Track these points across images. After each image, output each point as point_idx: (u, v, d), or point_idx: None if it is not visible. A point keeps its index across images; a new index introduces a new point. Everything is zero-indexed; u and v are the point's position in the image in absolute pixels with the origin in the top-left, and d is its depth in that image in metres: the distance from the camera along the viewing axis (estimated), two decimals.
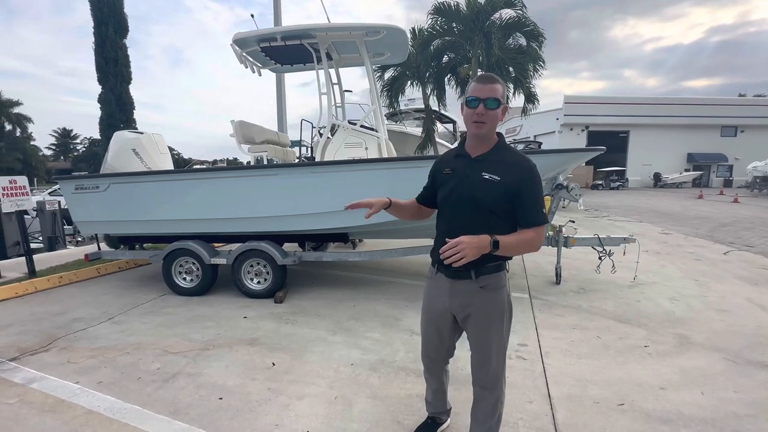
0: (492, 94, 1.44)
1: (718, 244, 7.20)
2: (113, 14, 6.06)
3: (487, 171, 1.49)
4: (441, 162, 1.69)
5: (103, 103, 6.13)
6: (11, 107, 36.83)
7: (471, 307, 1.59)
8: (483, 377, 1.67)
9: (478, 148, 1.56)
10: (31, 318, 3.80)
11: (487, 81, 1.47)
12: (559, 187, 4.23)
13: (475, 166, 1.53)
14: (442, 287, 1.64)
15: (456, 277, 1.58)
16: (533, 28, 11.14)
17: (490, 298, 1.57)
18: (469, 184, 1.52)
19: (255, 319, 3.71)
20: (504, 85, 1.52)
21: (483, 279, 1.55)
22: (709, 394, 2.39)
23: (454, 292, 1.61)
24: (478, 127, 1.48)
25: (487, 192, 1.48)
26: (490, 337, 1.60)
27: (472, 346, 1.66)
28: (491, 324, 1.59)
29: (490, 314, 1.58)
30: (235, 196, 4.21)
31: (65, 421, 2.19)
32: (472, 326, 1.62)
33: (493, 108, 1.45)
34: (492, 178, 1.48)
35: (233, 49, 4.83)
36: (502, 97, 1.47)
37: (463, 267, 1.48)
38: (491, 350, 1.61)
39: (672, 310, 3.81)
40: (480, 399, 1.73)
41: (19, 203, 4.96)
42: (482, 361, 1.64)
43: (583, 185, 25.82)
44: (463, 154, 1.59)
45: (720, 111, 29.84)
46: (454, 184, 1.56)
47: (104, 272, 5.49)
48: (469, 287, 1.56)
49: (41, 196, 11.31)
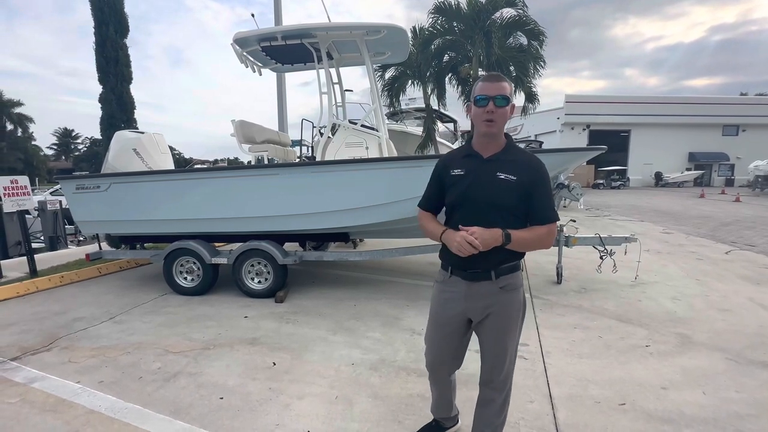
0: (500, 91, 1.44)
1: (720, 244, 7.18)
2: (114, 14, 6.07)
3: (502, 171, 1.48)
4: (447, 162, 1.63)
5: (103, 103, 6.16)
6: (12, 107, 36.91)
7: (490, 309, 1.56)
8: (496, 379, 1.64)
9: (489, 148, 1.53)
10: (33, 317, 3.81)
11: (495, 79, 1.47)
12: (560, 186, 4.23)
13: (489, 166, 1.51)
14: (457, 291, 1.59)
15: (474, 279, 1.54)
16: (534, 27, 11.12)
17: (510, 299, 1.56)
18: (484, 184, 1.49)
19: (256, 318, 3.72)
20: (511, 84, 1.52)
21: (502, 279, 1.53)
22: (711, 394, 2.38)
23: (472, 295, 1.56)
24: (489, 126, 1.47)
25: (504, 192, 1.47)
26: (507, 338, 1.59)
27: (488, 349, 1.63)
28: (509, 325, 1.58)
29: (509, 315, 1.57)
30: (236, 196, 4.21)
31: (66, 421, 2.19)
32: (489, 328, 1.59)
33: (502, 105, 1.45)
34: (508, 177, 1.47)
35: (234, 48, 4.82)
36: (511, 95, 1.47)
37: (481, 268, 1.49)
38: (507, 352, 1.60)
39: (673, 310, 3.80)
40: (489, 400, 1.70)
41: (20, 203, 4.97)
42: (497, 363, 1.62)
43: (584, 184, 25.75)
44: (474, 154, 1.56)
45: (722, 110, 29.76)
46: (467, 185, 1.52)
47: (105, 272, 5.50)
48: (490, 289, 1.54)
49: (43, 195, 11.32)
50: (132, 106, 6.41)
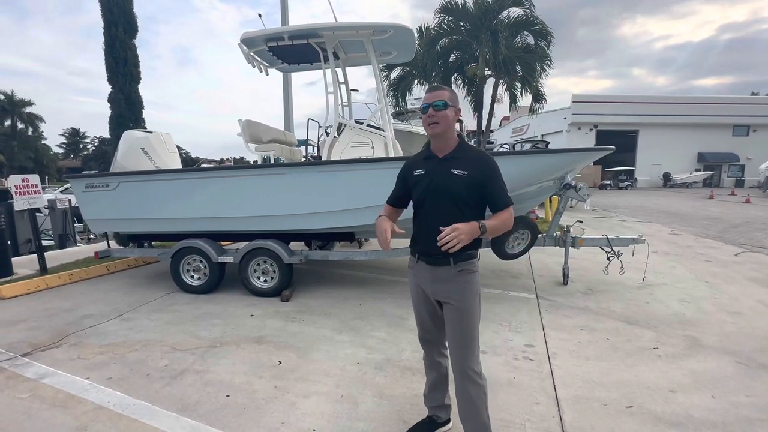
0: (437, 98, 1.67)
1: (730, 246, 7.09)
2: (123, 15, 6.13)
3: (455, 168, 1.69)
4: (410, 165, 1.87)
5: (112, 103, 6.21)
6: (24, 107, 37.49)
7: (451, 288, 1.74)
8: (463, 360, 1.73)
9: (443, 149, 1.75)
10: (43, 314, 3.86)
11: (434, 90, 1.72)
12: (567, 186, 4.19)
13: (444, 164, 1.72)
14: (424, 274, 1.80)
15: (436, 264, 1.74)
16: (541, 27, 11.06)
17: (467, 280, 1.74)
18: (441, 180, 1.71)
19: (261, 317, 3.74)
20: (452, 91, 1.74)
21: (460, 264, 1.72)
22: (720, 398, 2.35)
23: (435, 278, 1.76)
24: (433, 128, 1.70)
25: (458, 185, 1.67)
26: (469, 315, 1.73)
27: (450, 329, 1.76)
28: (469, 303, 1.74)
29: (467, 295, 1.73)
30: (242, 195, 4.24)
31: (75, 416, 2.22)
32: (453, 307, 1.74)
33: (439, 108, 1.67)
34: (460, 173, 1.68)
35: (241, 48, 4.85)
36: (450, 100, 1.68)
37: (442, 254, 1.67)
38: (472, 329, 1.74)
39: (682, 312, 3.76)
40: (463, 389, 1.75)
41: (31, 201, 5.04)
42: (462, 341, 1.73)
43: (591, 185, 25.54)
44: (432, 155, 1.78)
45: (732, 110, 29.32)
46: (428, 182, 1.74)
47: (113, 270, 5.56)
48: (449, 272, 1.73)
49: (53, 194, 11.48)
50: (140, 105, 6.45)
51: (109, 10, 6.06)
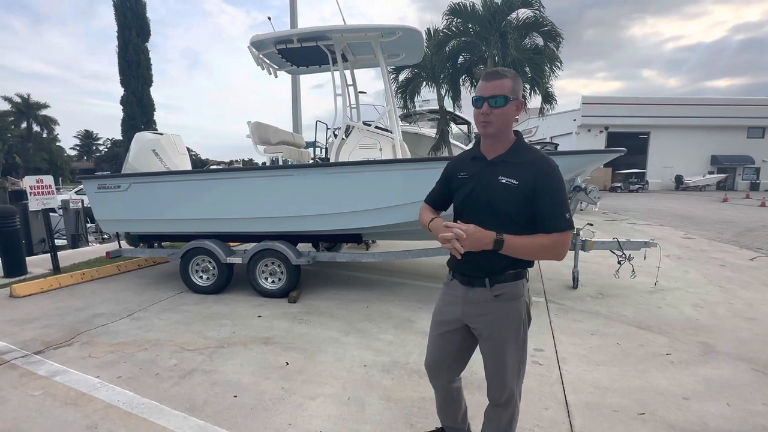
0: (496, 91, 1.34)
1: (745, 250, 6.93)
2: (136, 19, 6.23)
3: (503, 175, 1.38)
4: (456, 165, 1.57)
5: (125, 105, 6.31)
6: (39, 109, 38.36)
7: (484, 318, 1.48)
8: (495, 392, 1.55)
9: (493, 150, 1.44)
10: (56, 312, 3.93)
11: (491, 78, 1.36)
12: (577, 189, 4.14)
13: (492, 169, 1.42)
14: (456, 294, 1.55)
15: (471, 284, 1.49)
16: (551, 28, 10.98)
17: (505, 309, 1.46)
18: (485, 189, 1.41)
19: (269, 318, 3.75)
20: (515, 77, 1.38)
21: (498, 288, 1.44)
22: (736, 406, 2.29)
23: (468, 301, 1.50)
24: (485, 127, 1.39)
25: (504, 198, 1.37)
26: (504, 352, 1.48)
27: (485, 360, 1.55)
28: (505, 336, 1.47)
29: (503, 326, 1.47)
30: (251, 197, 4.27)
31: (86, 414, 2.25)
32: (484, 338, 1.52)
33: (498, 106, 1.35)
34: (509, 182, 1.37)
35: (250, 51, 4.90)
36: (512, 92, 1.35)
37: (477, 274, 1.44)
38: (506, 367, 1.49)
39: (695, 317, 3.68)
40: (492, 416, 1.62)
41: (45, 202, 5.14)
42: (495, 376, 1.53)
43: (601, 187, 25.24)
44: (479, 156, 1.48)
45: (746, 111, 28.80)
46: (470, 189, 1.45)
47: (124, 269, 5.64)
48: (484, 295, 1.46)
49: (68, 195, 11.69)
50: (152, 108, 6.55)
51: (123, 14, 6.17)
